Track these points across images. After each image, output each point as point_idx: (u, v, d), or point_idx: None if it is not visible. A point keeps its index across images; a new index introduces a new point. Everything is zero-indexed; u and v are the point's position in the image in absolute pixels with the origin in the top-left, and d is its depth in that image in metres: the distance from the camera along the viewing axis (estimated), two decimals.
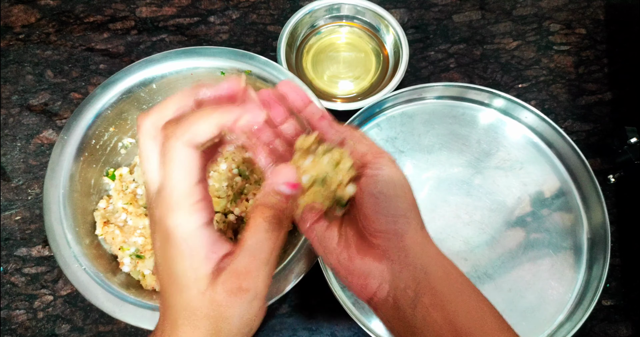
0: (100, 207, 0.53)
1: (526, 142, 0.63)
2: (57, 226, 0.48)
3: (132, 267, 0.51)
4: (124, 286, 0.48)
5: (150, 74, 0.54)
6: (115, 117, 0.54)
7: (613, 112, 0.67)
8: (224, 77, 0.55)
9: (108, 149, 0.55)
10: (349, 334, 0.56)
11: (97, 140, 0.53)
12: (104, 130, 0.54)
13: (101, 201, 0.54)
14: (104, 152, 0.55)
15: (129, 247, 0.51)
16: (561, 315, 0.56)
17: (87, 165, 0.53)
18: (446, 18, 0.71)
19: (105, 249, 0.52)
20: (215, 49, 0.55)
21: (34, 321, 0.56)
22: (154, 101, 0.56)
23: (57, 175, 0.50)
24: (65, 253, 0.47)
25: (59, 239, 0.47)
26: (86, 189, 0.52)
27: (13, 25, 0.69)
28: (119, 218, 0.52)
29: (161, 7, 0.71)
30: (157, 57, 0.54)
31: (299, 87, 0.36)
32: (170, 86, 0.55)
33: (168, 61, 0.54)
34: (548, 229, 0.59)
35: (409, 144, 0.63)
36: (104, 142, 0.54)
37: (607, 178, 0.63)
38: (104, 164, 0.55)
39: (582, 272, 0.58)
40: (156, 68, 0.54)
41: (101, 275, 0.47)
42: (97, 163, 0.54)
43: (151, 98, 0.56)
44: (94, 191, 0.54)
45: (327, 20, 0.70)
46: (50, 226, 0.48)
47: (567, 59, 0.70)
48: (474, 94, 0.64)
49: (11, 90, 0.66)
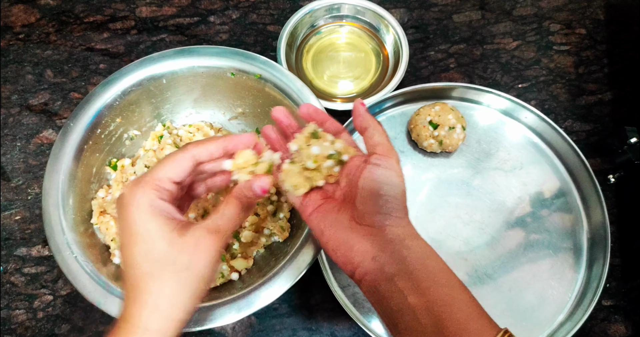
0: (99, 196, 0.54)
1: (526, 142, 0.63)
2: (53, 211, 0.48)
3: None
4: (113, 278, 0.48)
5: (160, 69, 0.54)
6: (124, 108, 0.54)
7: (613, 112, 0.67)
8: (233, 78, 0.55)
9: (113, 139, 0.55)
10: (349, 334, 0.56)
11: (102, 130, 0.54)
12: (111, 120, 0.54)
13: (101, 189, 0.54)
14: (108, 142, 0.55)
15: None
16: (561, 315, 0.56)
17: (91, 153, 0.53)
18: (446, 18, 0.71)
19: (98, 239, 0.52)
20: (215, 49, 0.55)
21: (33, 320, 0.56)
22: (162, 95, 0.57)
23: (59, 161, 0.50)
24: (59, 239, 0.47)
25: (54, 225, 0.48)
26: (87, 177, 0.53)
27: (13, 25, 0.69)
28: (115, 209, 0.52)
29: (161, 7, 0.71)
30: (167, 53, 0.55)
31: (318, 108, 0.43)
32: (180, 82, 0.56)
33: (171, 60, 0.54)
34: (548, 229, 0.59)
35: (409, 144, 0.63)
36: (109, 132, 0.55)
37: (607, 178, 0.63)
38: (107, 154, 0.55)
39: (582, 272, 0.58)
40: (165, 65, 0.54)
41: (91, 264, 0.47)
42: (100, 152, 0.54)
43: (160, 92, 0.56)
44: (94, 179, 0.54)
45: (327, 20, 0.70)
46: (47, 211, 0.48)
47: (567, 59, 0.70)
48: (474, 94, 0.64)
49: (11, 90, 0.66)
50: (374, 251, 0.35)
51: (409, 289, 0.33)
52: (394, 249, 0.35)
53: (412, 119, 0.62)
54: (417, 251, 0.35)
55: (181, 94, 0.57)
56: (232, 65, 0.54)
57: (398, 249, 0.35)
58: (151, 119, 0.58)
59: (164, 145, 0.55)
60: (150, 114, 0.58)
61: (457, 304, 0.33)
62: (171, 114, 0.59)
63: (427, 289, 0.33)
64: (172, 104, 0.58)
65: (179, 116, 0.60)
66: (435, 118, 0.60)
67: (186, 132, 0.58)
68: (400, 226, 0.36)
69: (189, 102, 0.59)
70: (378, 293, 0.35)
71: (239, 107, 0.59)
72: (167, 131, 0.58)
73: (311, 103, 0.51)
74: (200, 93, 0.58)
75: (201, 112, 0.60)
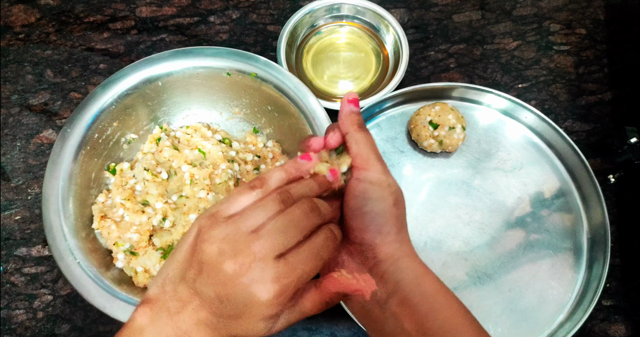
0: (99, 201, 0.54)
1: (526, 142, 0.63)
2: (54, 218, 0.48)
3: (125, 263, 0.51)
4: (116, 282, 0.48)
5: (155, 71, 0.54)
6: (120, 112, 0.54)
7: (613, 112, 0.67)
8: (229, 78, 0.55)
9: (111, 144, 0.55)
10: (349, 334, 0.56)
11: (100, 134, 0.54)
12: (108, 124, 0.54)
13: (100, 194, 0.54)
14: (106, 146, 0.55)
15: (124, 243, 0.51)
16: (561, 315, 0.56)
17: (89, 159, 0.53)
18: (446, 18, 0.71)
19: (100, 244, 0.52)
20: (214, 49, 0.55)
21: (33, 320, 0.56)
22: (159, 98, 0.57)
23: (58, 167, 0.50)
24: (61, 246, 0.47)
25: (56, 232, 0.48)
26: (86, 182, 0.53)
27: (13, 25, 0.69)
28: (116, 213, 0.52)
29: (161, 7, 0.71)
30: (163, 55, 0.54)
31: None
32: (176, 84, 0.56)
33: (167, 62, 0.54)
34: (548, 229, 0.59)
35: (409, 144, 0.63)
36: (107, 137, 0.55)
37: (607, 178, 0.63)
38: (105, 158, 0.55)
39: (582, 272, 0.58)
40: (161, 66, 0.54)
41: (94, 269, 0.47)
42: (98, 157, 0.54)
43: (156, 95, 0.56)
44: (94, 184, 0.54)
45: (327, 20, 0.70)
46: (48, 218, 0.48)
47: (567, 59, 0.70)
48: (474, 94, 0.64)
49: (11, 90, 0.66)
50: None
51: (404, 315, 0.31)
52: (386, 271, 0.32)
53: (412, 119, 0.62)
54: (411, 273, 0.32)
55: (177, 95, 0.57)
56: (229, 65, 0.54)
57: (391, 271, 0.32)
58: (148, 122, 0.58)
59: (162, 148, 0.55)
60: (147, 117, 0.58)
61: (458, 330, 0.31)
62: (168, 116, 0.59)
63: (424, 315, 0.31)
64: (168, 106, 0.58)
65: (175, 118, 0.60)
66: (435, 118, 0.59)
67: (184, 133, 0.58)
68: (393, 244, 0.33)
69: (185, 103, 0.59)
70: (369, 317, 0.33)
71: (236, 106, 0.59)
72: (164, 133, 0.58)
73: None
74: (197, 94, 0.58)
75: (198, 114, 0.60)
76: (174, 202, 0.53)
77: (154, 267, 0.50)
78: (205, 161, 0.55)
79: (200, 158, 0.55)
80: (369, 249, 0.33)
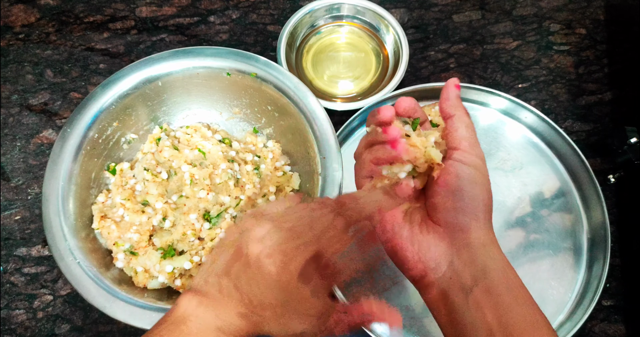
0: (99, 201, 0.54)
1: (526, 142, 0.63)
2: (54, 218, 0.48)
3: (125, 263, 0.51)
4: (116, 282, 0.48)
5: (155, 71, 0.54)
6: (120, 112, 0.54)
7: (613, 112, 0.67)
8: (229, 78, 0.55)
9: (111, 144, 0.55)
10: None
11: (100, 134, 0.54)
12: (108, 124, 0.54)
13: (100, 194, 0.54)
14: (106, 146, 0.55)
15: (124, 243, 0.51)
16: (561, 315, 0.56)
17: (89, 159, 0.53)
18: (446, 18, 0.71)
19: (100, 244, 0.52)
20: (214, 49, 0.55)
21: (33, 320, 0.56)
22: (159, 98, 0.57)
23: (58, 167, 0.50)
24: (61, 246, 0.47)
25: (56, 231, 0.48)
26: (86, 182, 0.53)
27: (13, 24, 0.69)
28: (116, 213, 0.52)
29: (161, 7, 0.71)
30: (163, 55, 0.54)
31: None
32: (176, 84, 0.56)
33: (171, 61, 0.54)
34: (548, 229, 0.59)
35: None
36: (106, 137, 0.55)
37: (607, 178, 0.63)
38: (105, 158, 0.55)
39: (582, 272, 0.58)
40: (161, 66, 0.54)
41: (94, 269, 0.47)
42: (98, 157, 0.54)
43: (156, 95, 0.56)
44: (94, 184, 0.54)
45: (327, 20, 0.70)
46: (48, 218, 0.48)
47: (567, 59, 0.70)
48: (474, 94, 0.64)
49: (11, 89, 0.66)
50: (451, 256, 0.32)
51: (488, 306, 0.30)
52: (475, 256, 0.32)
53: None
54: (499, 262, 0.32)
55: (177, 95, 0.57)
56: (229, 65, 0.54)
57: (480, 256, 0.32)
58: (148, 122, 0.58)
59: (162, 148, 0.55)
60: (147, 117, 0.58)
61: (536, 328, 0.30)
62: (168, 116, 0.59)
63: (507, 308, 0.30)
64: (168, 106, 0.58)
65: (175, 118, 0.60)
66: (436, 118, 0.59)
67: (184, 133, 0.58)
68: (483, 229, 0.33)
69: (185, 103, 0.59)
70: (449, 304, 0.32)
71: (236, 106, 0.59)
72: (164, 133, 0.58)
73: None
74: (197, 94, 0.58)
75: (198, 114, 0.60)
76: (174, 202, 0.53)
77: (154, 267, 0.50)
78: (205, 161, 0.55)
79: (200, 158, 0.55)
80: (460, 232, 0.33)
